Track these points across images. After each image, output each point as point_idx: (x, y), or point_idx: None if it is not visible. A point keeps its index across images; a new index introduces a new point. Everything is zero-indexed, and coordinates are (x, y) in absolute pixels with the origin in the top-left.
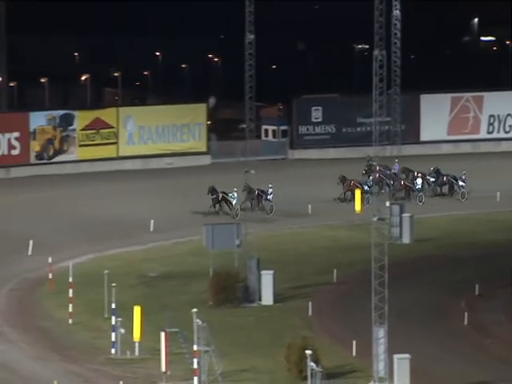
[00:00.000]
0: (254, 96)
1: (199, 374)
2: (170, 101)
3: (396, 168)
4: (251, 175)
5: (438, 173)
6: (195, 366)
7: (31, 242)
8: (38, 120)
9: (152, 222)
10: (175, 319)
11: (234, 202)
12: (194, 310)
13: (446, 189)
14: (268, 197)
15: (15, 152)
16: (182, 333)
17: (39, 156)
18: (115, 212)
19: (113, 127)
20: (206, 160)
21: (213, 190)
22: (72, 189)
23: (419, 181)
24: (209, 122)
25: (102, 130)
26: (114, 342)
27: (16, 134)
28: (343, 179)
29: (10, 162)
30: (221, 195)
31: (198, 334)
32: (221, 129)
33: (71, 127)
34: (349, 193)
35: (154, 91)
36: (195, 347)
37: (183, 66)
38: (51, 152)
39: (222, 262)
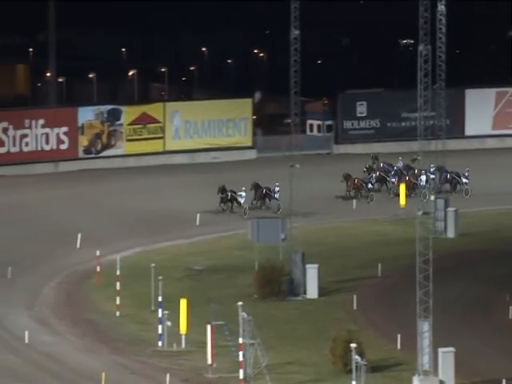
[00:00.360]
0: (299, 91)
1: (245, 366)
2: (215, 96)
3: (400, 165)
4: (296, 169)
5: (442, 170)
6: (241, 358)
7: (79, 236)
8: (87, 115)
9: (198, 215)
10: (221, 312)
11: (242, 201)
12: (240, 303)
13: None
14: (275, 195)
15: (64, 146)
16: (228, 326)
17: (87, 150)
18: (162, 206)
19: (159, 122)
20: (252, 154)
21: (222, 190)
22: (119, 183)
23: (423, 177)
24: (254, 117)
25: (148, 125)
26: (160, 335)
27: (65, 129)
28: (347, 177)
29: (58, 157)
30: (230, 194)
31: (244, 327)
32: (266, 123)
33: (119, 122)
34: (353, 191)
35: (200, 86)
36: (241, 340)
37: (229, 61)
38: (99, 146)
39: (267, 256)
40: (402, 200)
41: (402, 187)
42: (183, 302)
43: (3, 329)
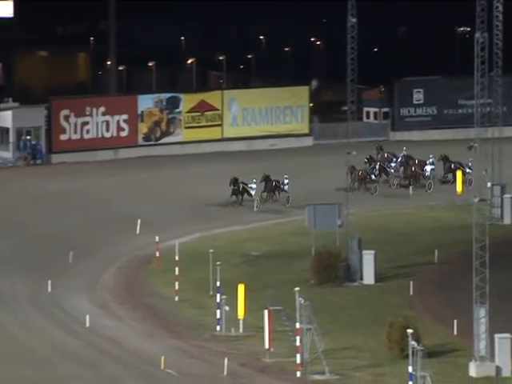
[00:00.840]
0: (355, 78)
1: (301, 351)
2: (273, 84)
3: (403, 155)
4: (353, 156)
5: (445, 159)
6: (298, 343)
7: (139, 222)
8: (146, 103)
9: (255, 202)
10: (278, 297)
11: (253, 192)
12: (297, 288)
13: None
14: (284, 187)
15: (124, 134)
16: (285, 311)
17: (146, 138)
18: (220, 192)
19: (217, 109)
20: (309, 141)
21: (234, 181)
22: (178, 170)
23: (429, 168)
24: (311, 104)
25: (206, 113)
26: (218, 319)
27: (125, 117)
28: (351, 169)
29: (118, 144)
30: (241, 186)
31: (301, 312)
32: (323, 111)
33: (177, 110)
34: (356, 183)
35: (258, 74)
36: (298, 325)
37: (286, 49)
38: (158, 134)
39: (324, 242)
40: (459, 187)
41: (459, 174)
42: (241, 288)
43: (65, 313)
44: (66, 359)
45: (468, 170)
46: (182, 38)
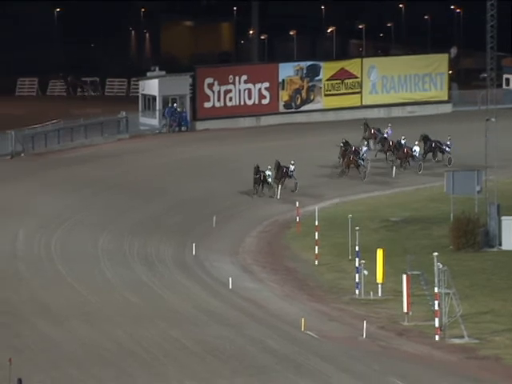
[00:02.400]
0: (495, 46)
1: (440, 315)
2: (412, 51)
3: (389, 133)
4: (492, 123)
5: (426, 139)
6: (436, 307)
7: (279, 187)
8: (287, 71)
9: (394, 168)
10: (416, 262)
11: (270, 180)
12: (435, 253)
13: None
14: (292, 174)
15: (265, 101)
16: (424, 275)
17: (287, 105)
18: None
19: (357, 77)
20: (447, 108)
21: (257, 171)
22: (318, 137)
23: (417, 148)
24: (450, 72)
25: (346, 80)
26: (357, 283)
27: (266, 85)
28: (343, 154)
29: (260, 111)
30: (262, 175)
31: (439, 277)
32: (462, 78)
33: (317, 77)
34: (347, 169)
35: (397, 42)
36: (436, 290)
37: (426, 17)
38: (299, 101)
39: (462, 208)
40: None
41: None
42: (379, 252)
43: (209, 275)
44: (210, 320)
45: (447, 149)
46: (322, 7)
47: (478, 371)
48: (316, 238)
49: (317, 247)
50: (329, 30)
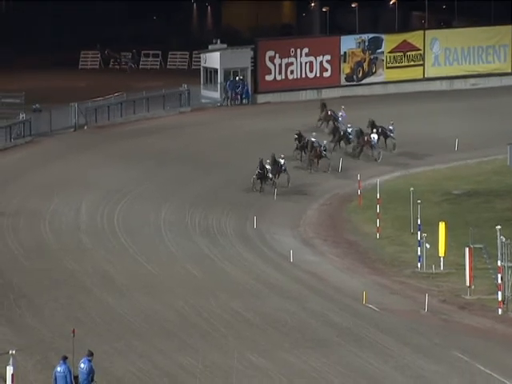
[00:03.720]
0: None
1: (503, 288)
2: (475, 23)
3: (343, 116)
4: None
5: (373, 125)
6: (499, 281)
7: (341, 160)
8: (349, 43)
9: (456, 141)
10: (479, 235)
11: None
12: (498, 226)
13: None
14: (282, 168)
15: (326, 74)
16: (486, 249)
17: (349, 78)
18: (421, 131)
19: (419, 50)
20: (511, 81)
21: (262, 165)
22: (379, 109)
23: (375, 136)
24: None
25: (408, 53)
26: (419, 257)
27: (327, 57)
28: (303, 141)
29: (321, 84)
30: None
31: (502, 250)
32: None
33: (379, 50)
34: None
35: (460, 14)
36: (499, 263)
37: None
38: (360, 74)
39: None
40: None
41: None
42: (442, 225)
43: (270, 248)
44: (271, 292)
45: (391, 134)
46: None
47: None
48: (378, 211)
49: (378, 220)
50: (391, 2)
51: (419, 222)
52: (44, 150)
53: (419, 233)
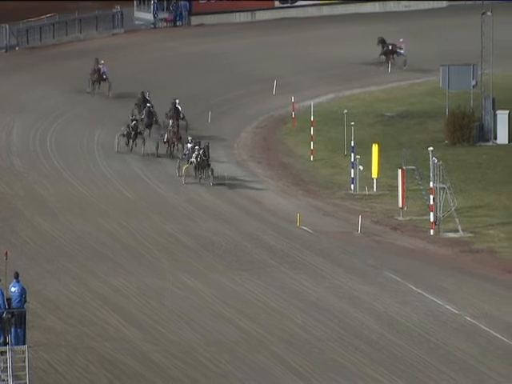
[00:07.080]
0: None
1: (434, 209)
2: None
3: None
4: (487, 17)
5: (383, 42)
6: (431, 202)
7: (275, 82)
8: None
9: (389, 63)
10: (411, 157)
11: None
12: (430, 148)
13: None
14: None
15: None
16: (419, 170)
17: (283, 0)
18: (353, 54)
19: None
20: (442, 3)
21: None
22: (313, 31)
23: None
24: None
25: None
26: (352, 178)
27: None
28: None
29: (255, 6)
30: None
31: (434, 172)
32: None
33: None
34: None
35: None
36: (431, 184)
37: None
38: None
39: (458, 102)
40: None
41: None
42: (375, 147)
43: None
44: (206, 215)
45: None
46: None
47: (473, 264)
48: (311, 133)
49: (312, 143)
50: None
51: (352, 144)
52: None
53: (352, 155)
